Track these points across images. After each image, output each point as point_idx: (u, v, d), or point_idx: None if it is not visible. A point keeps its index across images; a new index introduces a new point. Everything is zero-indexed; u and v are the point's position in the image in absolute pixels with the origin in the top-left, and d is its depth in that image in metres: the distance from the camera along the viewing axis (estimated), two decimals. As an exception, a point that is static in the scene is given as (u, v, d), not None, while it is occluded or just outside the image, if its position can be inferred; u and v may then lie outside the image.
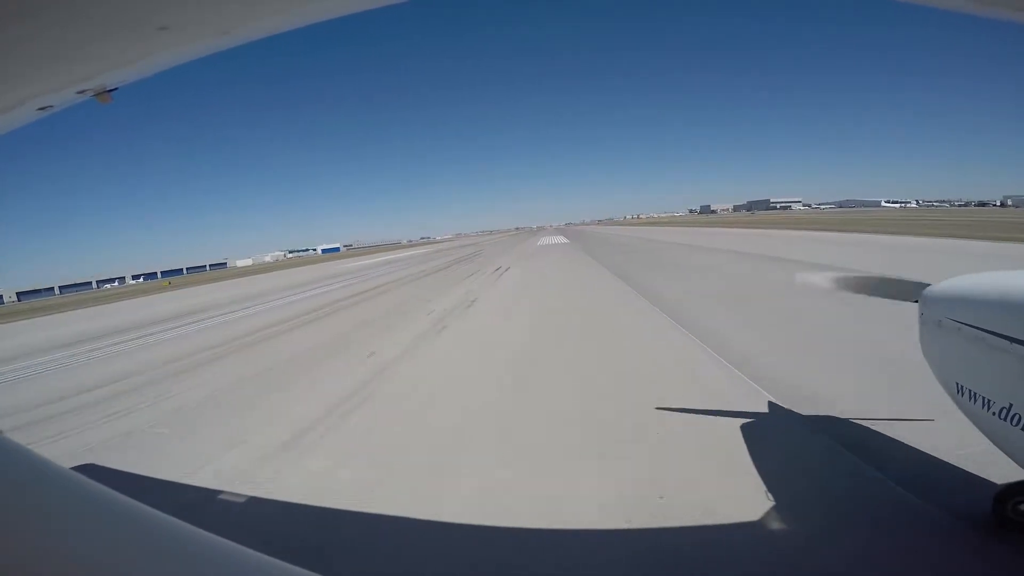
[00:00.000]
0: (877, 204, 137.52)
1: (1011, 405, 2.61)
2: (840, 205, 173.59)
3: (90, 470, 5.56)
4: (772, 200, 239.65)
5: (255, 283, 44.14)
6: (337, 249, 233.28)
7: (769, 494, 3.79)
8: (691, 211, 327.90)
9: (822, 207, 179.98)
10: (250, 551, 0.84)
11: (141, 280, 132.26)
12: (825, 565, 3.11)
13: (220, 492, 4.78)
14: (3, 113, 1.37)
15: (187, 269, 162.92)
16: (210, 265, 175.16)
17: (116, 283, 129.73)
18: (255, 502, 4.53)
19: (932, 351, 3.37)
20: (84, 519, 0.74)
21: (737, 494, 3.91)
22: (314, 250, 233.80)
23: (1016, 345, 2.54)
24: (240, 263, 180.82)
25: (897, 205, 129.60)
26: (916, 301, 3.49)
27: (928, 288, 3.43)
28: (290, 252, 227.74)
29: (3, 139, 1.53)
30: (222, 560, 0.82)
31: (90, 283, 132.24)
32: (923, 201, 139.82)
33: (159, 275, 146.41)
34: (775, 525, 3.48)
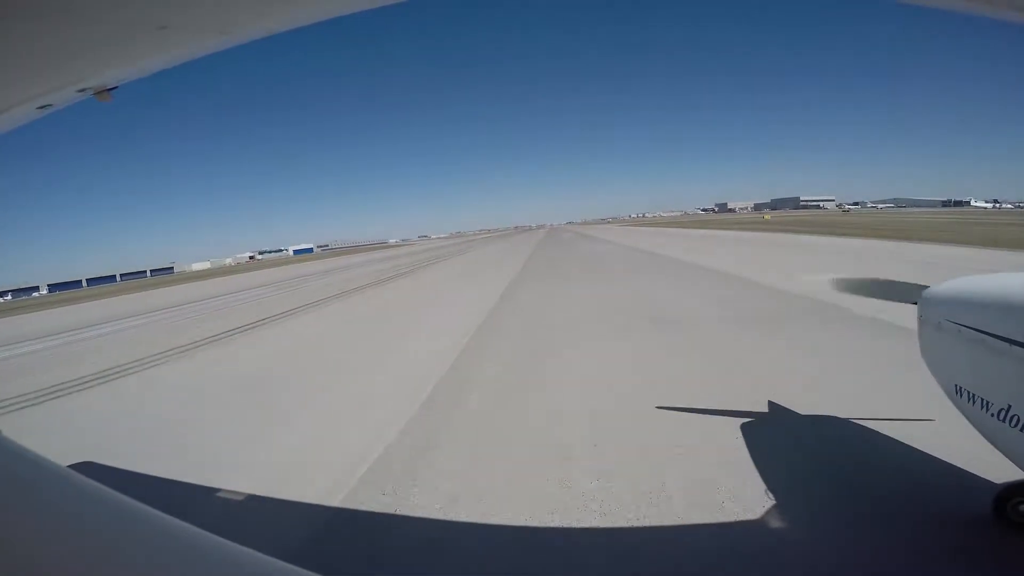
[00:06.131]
0: (960, 203, 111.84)
1: (1010, 406, 2.61)
2: (897, 204, 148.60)
3: (88, 468, 5.25)
4: (802, 198, 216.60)
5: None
6: (310, 250, 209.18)
7: (769, 492, 3.76)
8: (704, 210, 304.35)
9: (879, 207, 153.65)
10: (250, 551, 0.82)
11: (46, 292, 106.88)
12: (824, 564, 3.05)
13: (218, 490, 4.66)
14: (3, 112, 1.36)
15: (120, 276, 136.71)
16: (151, 271, 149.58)
17: (9, 296, 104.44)
18: (255, 501, 4.44)
19: (931, 353, 3.36)
20: (82, 518, 0.73)
21: None
22: (285, 251, 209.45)
23: (1015, 347, 2.54)
24: (196, 266, 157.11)
25: (990, 205, 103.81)
26: (915, 303, 3.47)
27: (927, 290, 3.40)
28: (260, 253, 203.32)
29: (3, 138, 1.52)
30: (220, 559, 0.80)
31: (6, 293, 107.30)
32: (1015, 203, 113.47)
33: (84, 283, 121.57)
34: (775, 524, 3.44)
